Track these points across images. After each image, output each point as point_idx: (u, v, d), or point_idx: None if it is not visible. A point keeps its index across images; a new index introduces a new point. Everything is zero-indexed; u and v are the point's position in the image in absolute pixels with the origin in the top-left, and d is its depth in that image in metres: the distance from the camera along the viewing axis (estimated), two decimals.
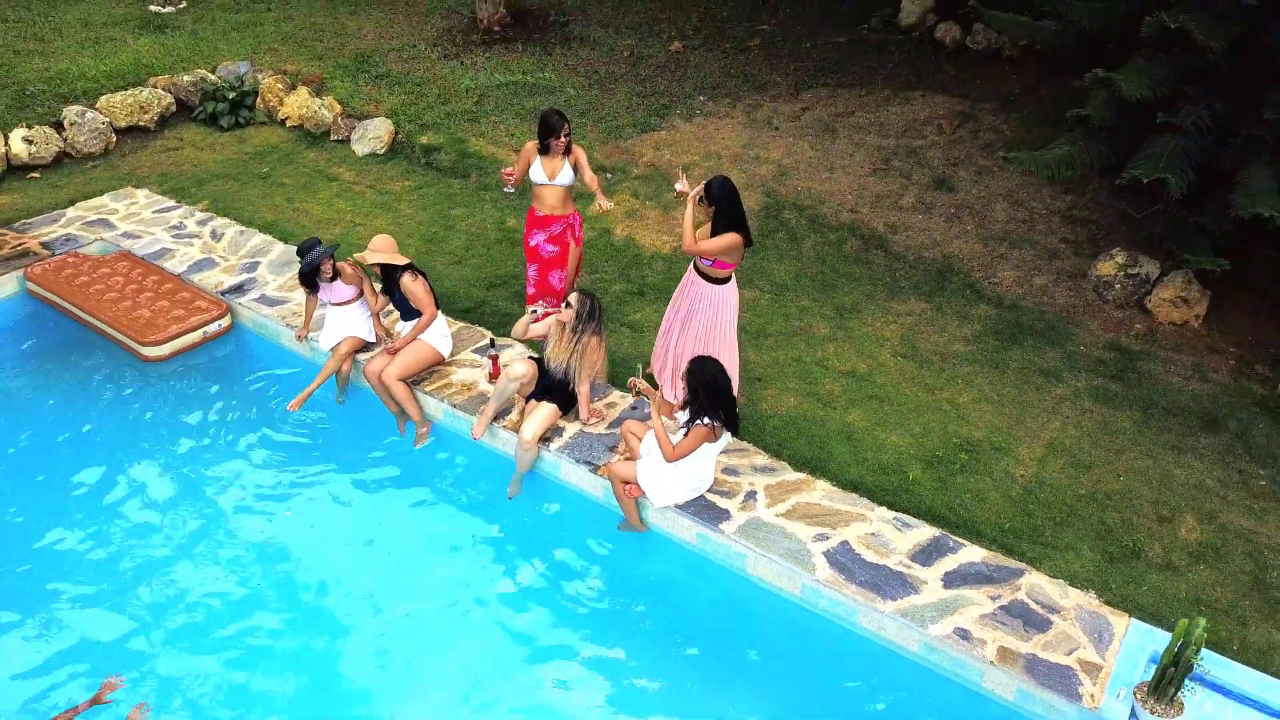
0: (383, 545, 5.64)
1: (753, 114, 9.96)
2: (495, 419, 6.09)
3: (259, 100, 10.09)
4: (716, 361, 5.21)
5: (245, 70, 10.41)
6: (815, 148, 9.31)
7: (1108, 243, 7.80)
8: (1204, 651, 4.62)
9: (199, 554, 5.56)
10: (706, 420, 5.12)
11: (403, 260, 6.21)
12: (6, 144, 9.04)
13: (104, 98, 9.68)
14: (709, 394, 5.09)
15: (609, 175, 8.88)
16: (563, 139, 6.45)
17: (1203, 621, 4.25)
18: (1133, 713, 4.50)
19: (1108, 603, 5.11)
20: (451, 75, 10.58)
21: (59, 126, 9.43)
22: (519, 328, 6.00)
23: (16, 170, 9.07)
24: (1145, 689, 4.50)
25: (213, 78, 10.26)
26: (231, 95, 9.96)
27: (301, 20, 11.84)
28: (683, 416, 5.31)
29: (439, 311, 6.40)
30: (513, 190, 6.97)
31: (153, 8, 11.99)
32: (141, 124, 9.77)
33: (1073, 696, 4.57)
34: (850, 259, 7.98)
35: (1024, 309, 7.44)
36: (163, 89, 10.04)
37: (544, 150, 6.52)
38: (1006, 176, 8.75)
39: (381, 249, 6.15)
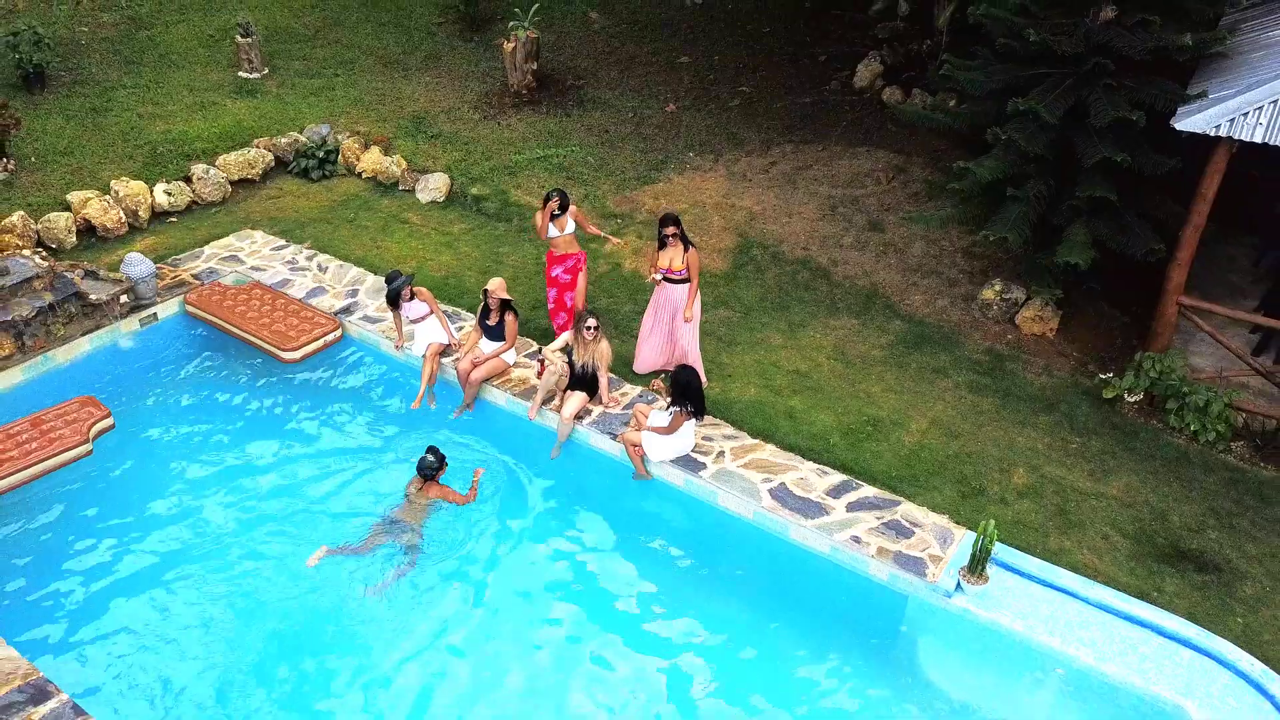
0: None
1: (731, 168, 12.58)
2: (543, 404, 8.71)
3: (340, 157, 12.72)
4: (694, 369, 7.85)
5: (326, 132, 13.03)
6: (779, 197, 11.93)
7: (993, 274, 10.42)
8: (1010, 549, 7.27)
9: (333, 485, 8.16)
10: (687, 408, 7.75)
11: (509, 298, 8.81)
12: (152, 196, 11.66)
13: (221, 157, 12.30)
14: (687, 392, 7.71)
15: (619, 220, 11.50)
16: (568, 210, 9.05)
17: (992, 523, 6.87)
18: (958, 584, 7.11)
19: (956, 523, 7.72)
20: (492, 135, 13.20)
21: (188, 180, 12.05)
22: (551, 353, 8.63)
23: (159, 216, 11.69)
24: (965, 570, 7.11)
25: (302, 139, 12.88)
26: (319, 154, 12.58)
27: (365, 86, 14.45)
28: (662, 405, 7.95)
29: None
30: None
31: (242, 74, 14.59)
32: (249, 177, 12.39)
33: (922, 576, 7.17)
34: (801, 286, 10.60)
35: (927, 324, 10.06)
36: (264, 149, 12.66)
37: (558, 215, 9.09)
38: (930, 211, 11.35)
39: (502, 288, 8.72)
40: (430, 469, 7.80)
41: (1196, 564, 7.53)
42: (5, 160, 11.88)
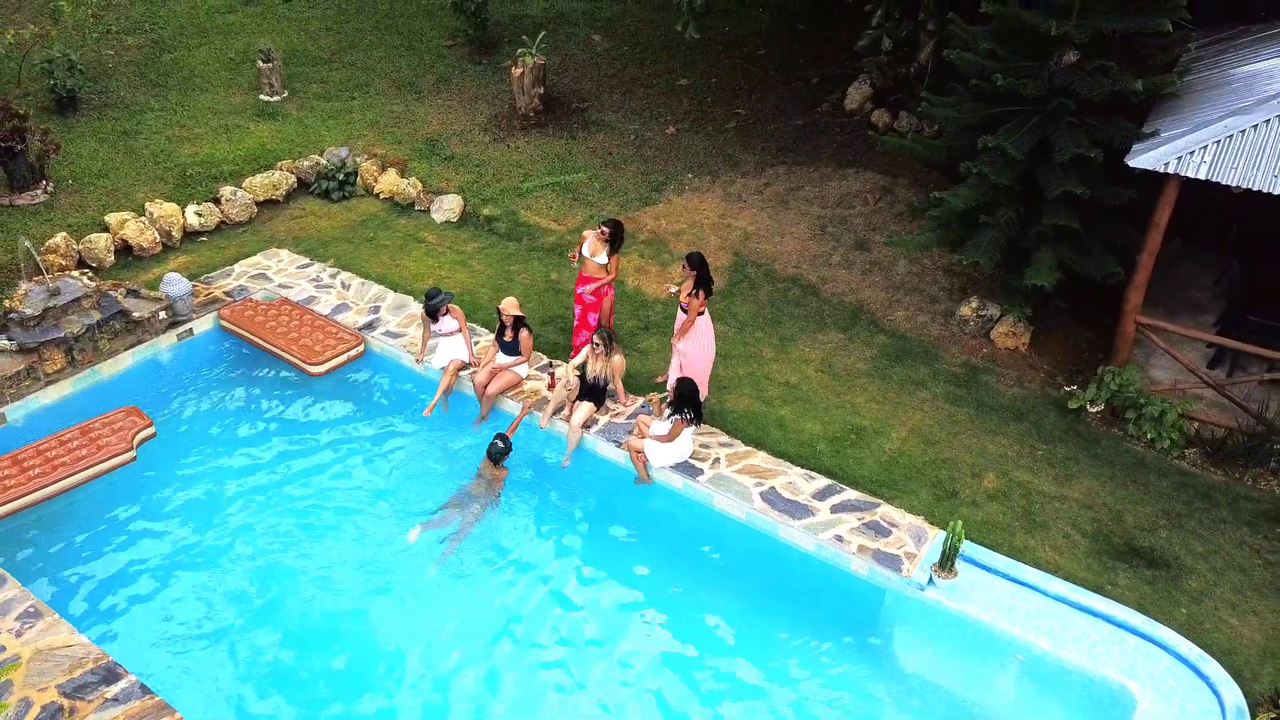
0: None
1: (728, 189, 13.35)
2: (554, 414, 9.47)
3: (359, 179, 13.49)
4: (693, 381, 8.62)
5: (345, 154, 13.80)
6: (772, 217, 12.70)
7: (970, 292, 11.19)
8: (978, 547, 8.05)
9: (352, 484, 8.92)
10: (686, 415, 8.52)
11: (521, 314, 9.58)
12: (184, 216, 12.43)
13: (247, 179, 13.07)
14: (687, 401, 8.48)
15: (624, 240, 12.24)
16: (604, 233, 9.73)
17: (960, 524, 7.65)
18: (930, 579, 7.88)
19: (930, 523, 8.48)
20: (502, 157, 13.98)
21: (217, 201, 12.82)
22: (566, 369, 9.39)
23: (190, 236, 12.45)
24: (936, 565, 7.88)
25: (322, 161, 13.65)
26: (339, 175, 13.35)
27: (380, 109, 15.22)
28: (662, 417, 8.73)
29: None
30: (576, 264, 10.27)
31: (263, 97, 15.36)
32: (274, 198, 13.16)
33: (898, 571, 7.94)
34: (792, 303, 11.37)
35: (909, 339, 10.84)
36: (287, 171, 13.42)
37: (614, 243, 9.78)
38: (913, 234, 12.12)
39: (514, 306, 9.50)
40: (499, 453, 8.90)
41: (1148, 560, 8.31)
42: (45, 182, 12.65)
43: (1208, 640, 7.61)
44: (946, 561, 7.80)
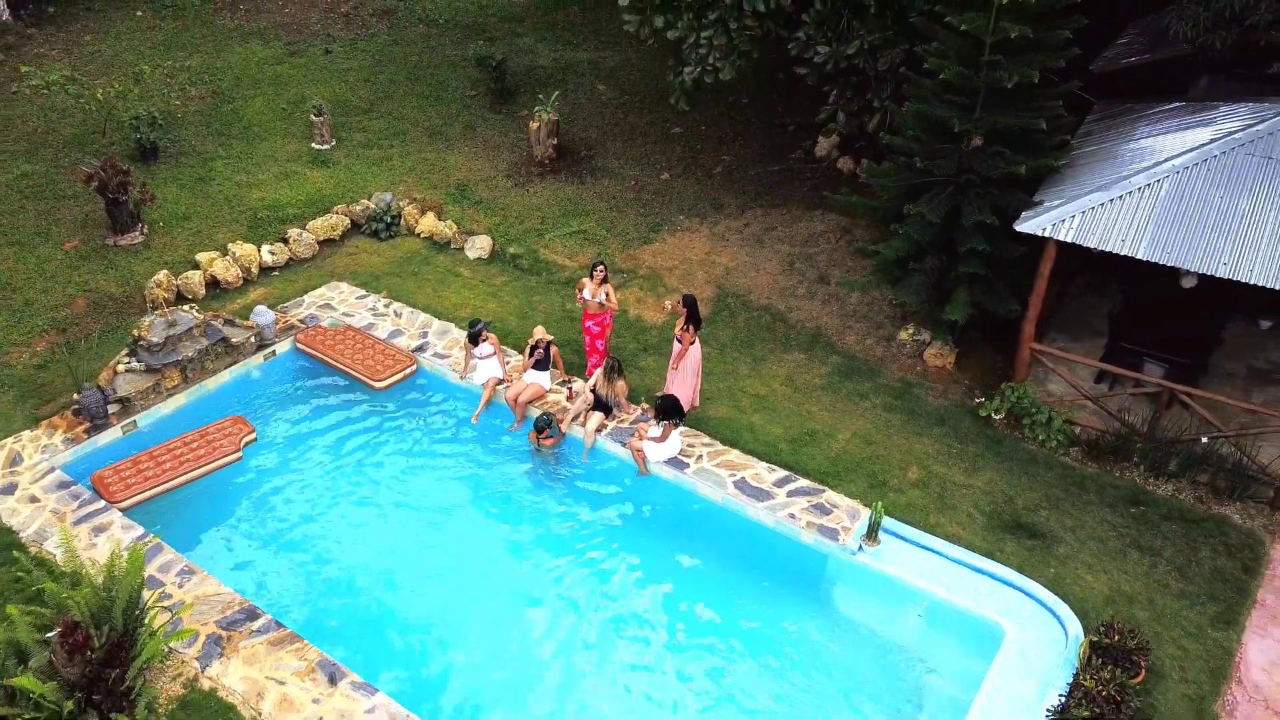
0: (510, 482, 11.53)
1: (713, 229, 15.88)
2: (573, 421, 11.99)
3: (403, 221, 15.99)
4: (674, 396, 11.17)
5: (390, 199, 16.30)
6: (749, 255, 15.23)
7: (908, 321, 13.70)
8: (899, 522, 10.59)
9: (413, 474, 11.44)
10: (674, 420, 11.06)
11: (550, 338, 12.13)
12: (259, 254, 14.93)
13: (310, 222, 15.58)
14: (670, 412, 11.03)
15: (625, 274, 14.78)
16: (599, 275, 12.27)
17: (880, 504, 10.19)
18: (860, 546, 10.40)
19: (864, 505, 10.99)
20: (522, 201, 16.50)
21: (285, 241, 15.32)
22: (584, 387, 11.94)
23: (265, 271, 14.95)
24: (865, 536, 10.41)
25: (371, 205, 16.15)
26: (386, 218, 15.86)
27: (417, 157, 17.73)
28: (658, 423, 11.28)
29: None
30: (580, 304, 12.79)
31: (314, 145, 17.85)
32: (332, 238, 15.66)
33: (836, 540, 10.46)
34: (764, 328, 13.89)
35: (857, 358, 13.36)
36: (342, 214, 15.93)
37: (591, 274, 12.35)
38: (863, 275, 14.66)
39: (543, 331, 12.05)
40: (543, 424, 11.71)
41: (1029, 533, 10.83)
42: (141, 225, 15.15)
43: (1067, 591, 10.14)
44: (872, 533, 10.33)
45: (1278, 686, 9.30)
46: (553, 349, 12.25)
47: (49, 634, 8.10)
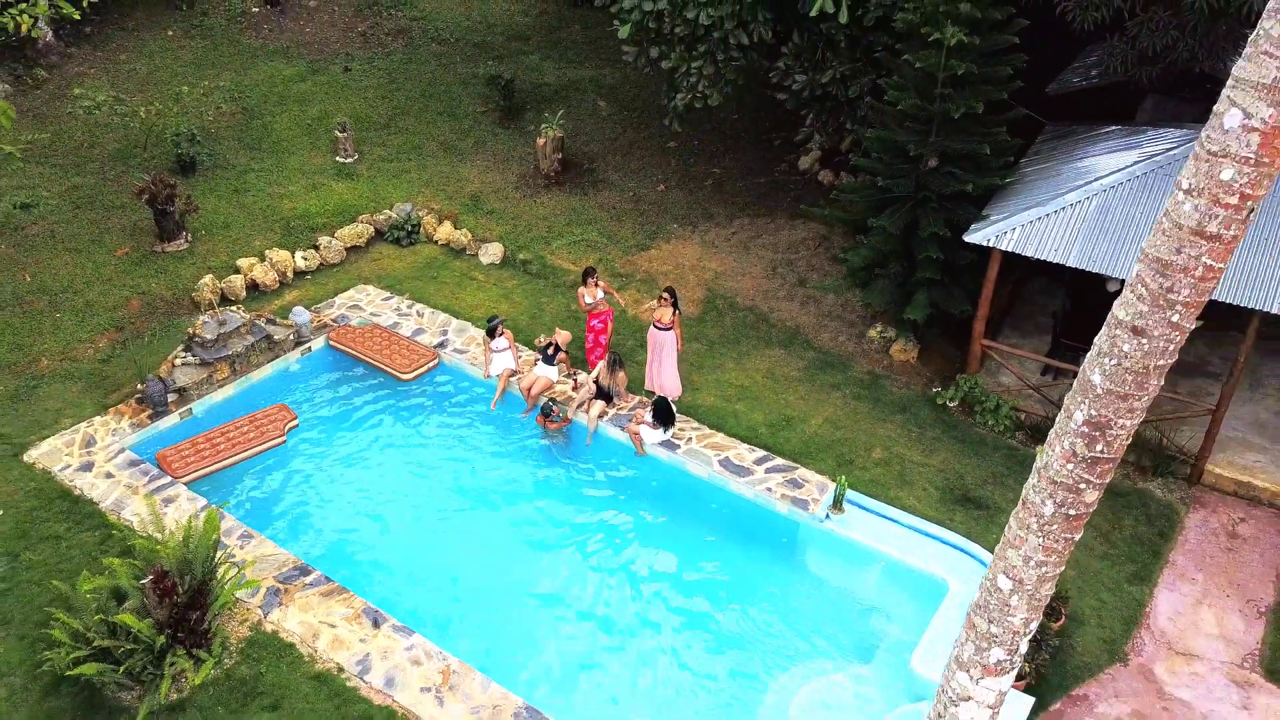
0: (523, 460, 13.14)
1: (704, 237, 17.48)
2: (578, 408, 13.59)
3: (422, 229, 17.59)
4: (666, 400, 12.78)
5: (410, 209, 17.89)
6: (737, 261, 16.84)
7: (877, 320, 15.30)
8: (862, 495, 12.21)
9: (438, 453, 13.05)
10: (667, 425, 12.70)
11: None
12: (294, 260, 16.53)
13: (338, 230, 17.17)
14: (663, 412, 12.64)
15: (624, 278, 16.38)
16: (593, 282, 13.89)
17: (844, 478, 11.80)
18: (827, 515, 12.01)
19: (831, 479, 12.59)
20: (530, 211, 18.10)
21: (316, 248, 16.92)
22: (586, 379, 13.56)
23: (299, 275, 16.54)
24: (831, 506, 12.02)
25: (393, 215, 17.74)
26: (406, 226, 17.45)
27: (433, 169, 19.33)
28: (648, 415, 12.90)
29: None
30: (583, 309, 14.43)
31: (338, 159, 19.44)
32: (358, 244, 17.26)
33: (807, 510, 12.07)
34: (749, 327, 15.50)
35: (831, 354, 14.97)
36: (367, 223, 17.53)
37: (585, 282, 13.97)
38: (837, 279, 16.27)
39: (566, 335, 13.66)
40: (546, 410, 13.38)
41: (977, 505, 12.44)
42: (185, 234, 16.74)
43: None
44: (838, 503, 11.94)
45: (1180, 631, 10.92)
46: (561, 348, 13.84)
47: (143, 580, 9.69)
